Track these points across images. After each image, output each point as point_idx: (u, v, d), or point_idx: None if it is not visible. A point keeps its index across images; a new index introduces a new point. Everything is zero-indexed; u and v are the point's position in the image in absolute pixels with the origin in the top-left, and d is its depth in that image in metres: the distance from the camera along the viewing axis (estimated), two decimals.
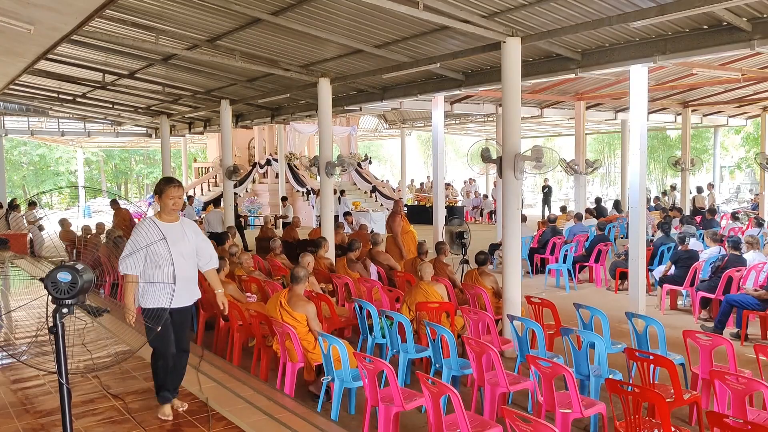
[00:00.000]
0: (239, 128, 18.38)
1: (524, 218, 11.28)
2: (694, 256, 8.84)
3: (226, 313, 4.76)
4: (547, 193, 23.12)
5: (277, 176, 22.27)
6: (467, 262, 9.08)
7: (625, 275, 9.54)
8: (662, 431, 3.73)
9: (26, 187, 38.65)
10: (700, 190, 18.71)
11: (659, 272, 9.33)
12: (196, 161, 31.11)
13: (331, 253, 9.69)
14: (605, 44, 7.55)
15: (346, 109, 12.56)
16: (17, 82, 11.58)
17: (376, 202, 23.02)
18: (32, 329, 6.96)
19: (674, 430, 3.75)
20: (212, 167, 25.21)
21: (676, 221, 12.85)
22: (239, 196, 18.47)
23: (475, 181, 27.37)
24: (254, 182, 23.50)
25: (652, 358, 4.60)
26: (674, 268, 8.92)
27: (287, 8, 7.03)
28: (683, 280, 8.62)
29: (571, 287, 10.50)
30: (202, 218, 16.41)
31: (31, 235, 13.93)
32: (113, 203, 14.91)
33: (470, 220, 22.69)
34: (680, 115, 17.27)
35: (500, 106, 12.35)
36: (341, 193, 18.99)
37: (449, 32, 7.45)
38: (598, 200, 18.18)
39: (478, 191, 26.57)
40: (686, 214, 15.20)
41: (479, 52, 7.81)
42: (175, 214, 4.35)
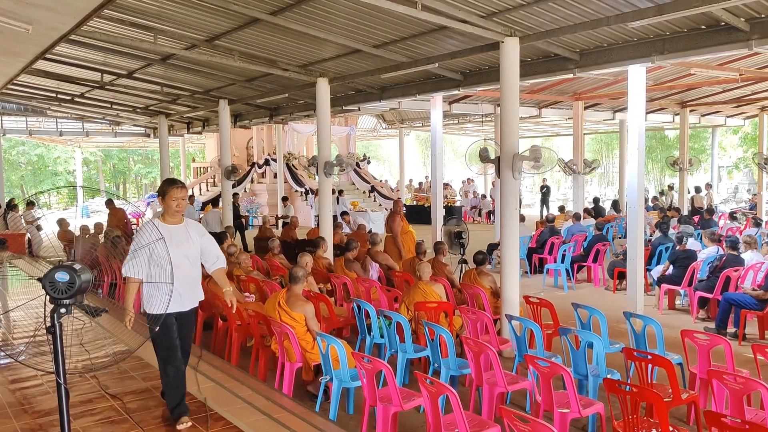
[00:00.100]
0: (238, 128, 18.37)
1: (522, 218, 11.30)
2: (692, 255, 8.85)
3: (234, 311, 4.68)
4: (545, 193, 23.12)
5: (275, 176, 22.26)
6: (465, 261, 9.09)
7: (623, 275, 9.55)
8: (660, 431, 3.74)
9: (24, 187, 38.61)
10: (698, 190, 18.73)
11: (657, 272, 9.34)
12: (194, 161, 31.08)
13: (329, 253, 9.69)
14: (603, 44, 7.56)
15: (344, 109, 12.57)
16: (15, 81, 11.57)
17: (374, 202, 23.02)
18: (30, 329, 6.95)
19: (672, 429, 3.75)
20: (211, 167, 25.19)
21: (674, 221, 12.87)
22: (239, 195, 18.44)
23: (473, 181, 27.39)
24: (253, 182, 23.48)
25: (650, 357, 4.61)
26: (672, 267, 8.93)
27: (286, 8, 7.03)
28: (681, 279, 8.63)
29: (569, 287, 10.51)
30: (201, 218, 16.40)
31: (29, 235, 13.92)
32: (108, 203, 14.85)
33: (468, 220, 22.71)
34: (678, 115, 17.29)
35: (498, 106, 12.33)
36: (339, 193, 18.98)
37: (447, 32, 7.45)
38: (596, 200, 18.21)
39: (476, 191, 26.59)
40: (684, 214, 15.22)
41: (477, 52, 7.82)
42: (178, 215, 4.29)
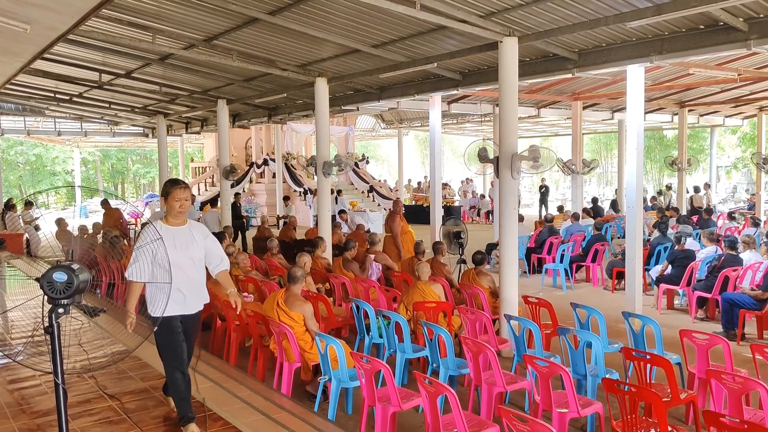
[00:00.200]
0: (236, 128, 18.36)
1: (521, 218, 11.29)
2: (690, 255, 8.86)
3: (239, 312, 4.61)
4: (544, 192, 23.13)
5: (274, 176, 22.25)
6: (464, 261, 9.08)
7: (621, 275, 9.55)
8: (659, 431, 3.74)
9: (23, 187, 38.57)
10: (697, 189, 18.74)
11: (656, 272, 9.35)
12: (193, 161, 31.07)
13: (328, 253, 9.68)
14: (602, 44, 7.56)
15: (343, 108, 12.56)
16: (14, 81, 11.56)
17: (373, 202, 23.01)
18: (28, 329, 6.93)
19: (671, 429, 3.75)
20: (209, 167, 25.18)
21: (673, 221, 12.88)
22: (240, 195, 18.45)
23: (472, 180, 27.40)
24: (251, 182, 23.48)
25: (648, 357, 4.61)
26: (671, 267, 8.93)
27: (284, 8, 7.03)
28: (680, 279, 8.64)
29: (568, 287, 10.51)
30: (199, 218, 16.38)
31: (27, 235, 13.90)
32: (104, 203, 14.77)
33: (467, 219, 22.71)
34: (677, 115, 17.30)
35: (497, 105, 12.36)
36: (338, 193, 18.98)
37: (446, 32, 7.45)
38: (594, 200, 18.22)
39: (475, 191, 26.60)
40: (683, 213, 15.23)
41: (476, 51, 7.82)
42: (182, 216, 4.21)
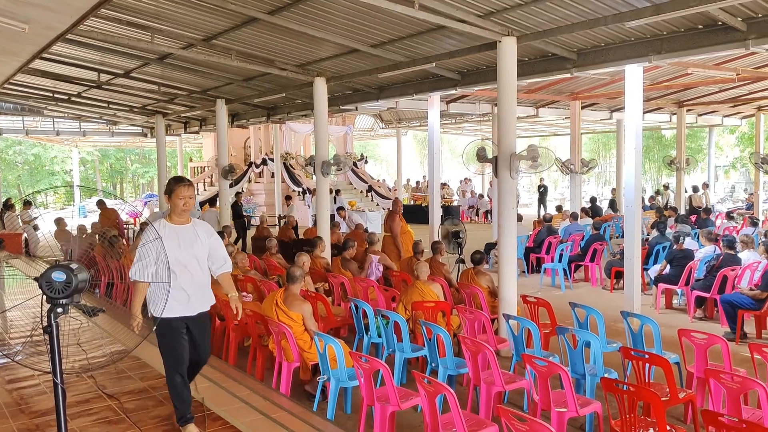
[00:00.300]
0: (235, 128, 18.35)
1: (520, 217, 11.29)
2: (689, 255, 8.87)
3: (239, 318, 4.49)
4: (542, 192, 23.14)
5: (273, 176, 22.23)
6: (463, 261, 9.08)
7: (620, 274, 9.55)
8: (657, 430, 3.75)
9: (21, 186, 38.50)
10: (696, 189, 18.75)
11: (654, 271, 9.36)
12: (191, 161, 31.03)
13: (327, 252, 9.68)
14: (601, 44, 7.57)
15: (341, 108, 12.56)
16: (12, 81, 11.54)
17: (372, 201, 23.00)
18: (27, 329, 6.93)
19: (669, 428, 3.76)
20: (208, 167, 25.15)
21: (671, 220, 12.89)
22: (242, 195, 18.44)
23: (471, 180, 27.41)
24: (250, 182, 23.46)
25: (647, 357, 4.62)
26: (669, 267, 8.94)
27: (283, 7, 7.02)
28: (678, 279, 8.65)
29: (566, 286, 10.52)
30: (199, 218, 16.34)
31: (26, 234, 13.89)
32: (99, 203, 14.67)
33: (466, 219, 22.72)
34: (675, 114, 17.31)
35: (496, 105, 12.35)
36: (337, 192, 18.98)
37: (445, 32, 7.45)
38: (593, 200, 18.22)
39: (473, 191, 26.62)
40: (682, 213, 15.24)
41: (475, 51, 7.82)
42: (186, 215, 4.13)
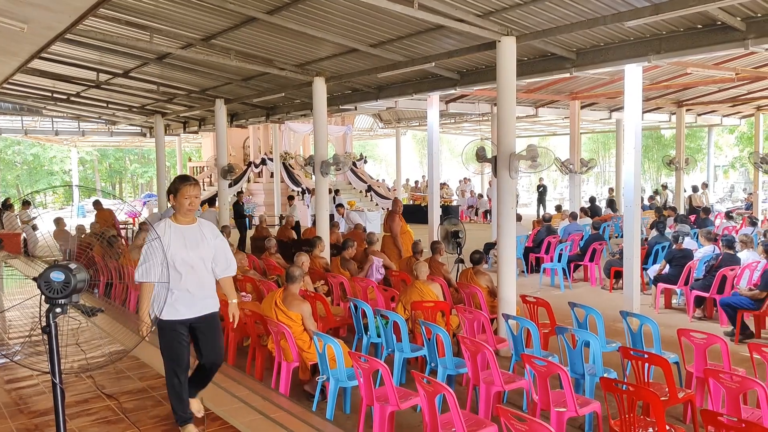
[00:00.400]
0: (234, 127, 18.33)
1: (519, 217, 11.30)
2: (688, 255, 8.87)
3: (235, 326, 4.42)
4: (542, 192, 23.14)
5: (272, 175, 22.22)
6: (462, 261, 9.09)
7: (619, 274, 9.56)
8: (657, 430, 3.74)
9: (20, 186, 38.47)
10: (695, 189, 18.76)
11: (654, 271, 9.36)
12: (190, 160, 31.02)
13: (326, 252, 9.68)
14: (600, 43, 7.57)
15: (341, 108, 12.55)
16: (11, 81, 11.54)
17: (371, 201, 23.00)
18: (26, 329, 6.92)
19: (669, 428, 3.75)
20: (207, 166, 25.14)
21: (670, 220, 12.90)
22: (243, 194, 18.45)
23: (470, 180, 27.41)
24: (249, 182, 23.45)
25: (646, 356, 4.62)
26: (669, 267, 8.95)
27: (282, 7, 7.02)
28: (678, 278, 8.65)
29: (565, 286, 10.52)
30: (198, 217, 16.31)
31: (24, 234, 13.87)
32: (96, 204, 14.63)
33: (465, 219, 22.71)
34: (674, 114, 17.31)
35: (495, 105, 12.36)
36: (336, 192, 18.98)
37: (444, 31, 7.45)
38: (592, 199, 18.22)
39: (473, 190, 26.61)
40: (681, 213, 15.25)
41: (474, 51, 7.82)
42: (191, 215, 4.04)
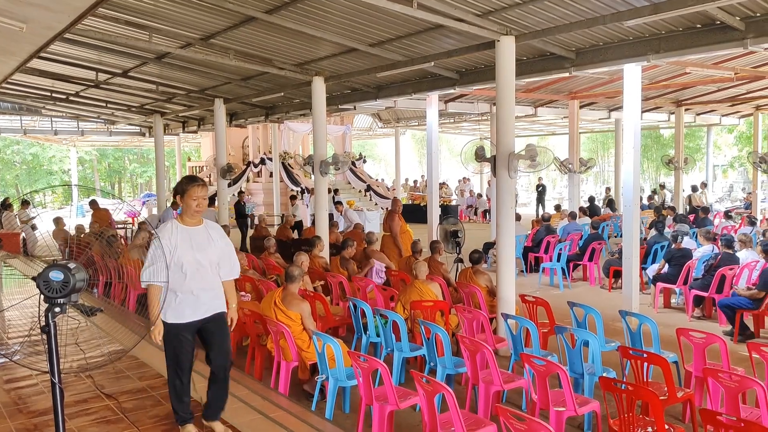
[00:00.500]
0: (233, 127, 18.32)
1: (518, 217, 11.30)
2: (687, 254, 8.87)
3: (233, 328, 4.30)
4: (541, 191, 23.15)
5: (271, 175, 22.21)
6: (462, 260, 9.09)
7: (618, 274, 9.57)
8: (656, 429, 3.75)
9: (19, 186, 38.44)
10: (695, 189, 18.78)
11: (653, 270, 9.37)
12: (190, 160, 31.00)
13: (326, 252, 9.67)
14: (599, 43, 7.57)
15: (340, 107, 12.54)
16: (10, 80, 11.52)
17: (370, 201, 23.00)
18: (25, 328, 6.93)
19: (668, 427, 3.76)
20: (206, 166, 25.12)
21: (669, 219, 12.91)
22: (244, 194, 18.46)
23: (469, 180, 27.40)
24: (248, 181, 23.44)
25: (645, 356, 4.62)
26: (668, 266, 8.95)
27: (281, 6, 7.01)
28: (677, 278, 8.65)
29: (565, 286, 10.52)
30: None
31: (23, 234, 13.86)
32: (92, 203, 14.60)
33: (464, 218, 22.72)
34: (673, 114, 17.32)
35: (494, 104, 12.36)
36: (335, 192, 18.98)
37: (443, 31, 7.44)
38: (591, 199, 18.23)
39: (472, 190, 26.61)
40: (680, 212, 15.26)
41: (473, 50, 7.81)
42: (198, 216, 3.97)
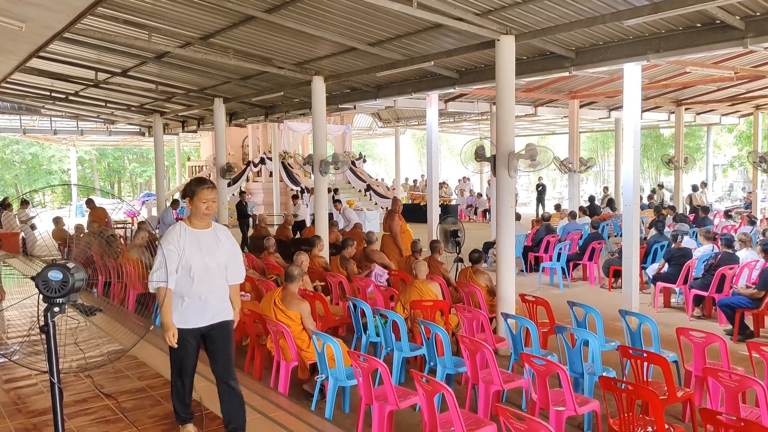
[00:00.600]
0: (233, 126, 18.32)
1: (518, 216, 11.30)
2: (687, 254, 8.87)
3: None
4: (541, 191, 23.14)
5: (271, 175, 22.21)
6: (461, 260, 9.08)
7: (618, 273, 9.56)
8: (656, 428, 3.74)
9: (18, 185, 38.42)
10: (695, 188, 18.78)
11: (653, 270, 9.37)
12: (189, 160, 30.97)
13: (325, 251, 9.67)
14: (599, 42, 7.56)
15: (340, 107, 12.54)
16: (9, 80, 11.51)
17: (370, 200, 22.99)
18: (24, 328, 6.93)
19: (668, 427, 3.75)
20: (206, 166, 25.11)
21: (669, 219, 12.91)
22: (245, 193, 18.46)
23: (469, 179, 27.41)
24: (248, 181, 23.44)
25: (645, 355, 4.62)
26: (668, 265, 8.95)
27: (281, 6, 7.00)
28: (676, 277, 8.65)
29: (564, 285, 10.52)
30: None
31: (23, 234, 13.86)
32: (89, 202, 14.55)
33: (464, 218, 22.72)
34: (673, 113, 17.33)
35: (494, 104, 12.35)
36: (335, 191, 18.98)
37: (443, 30, 7.44)
38: (591, 198, 18.23)
39: (472, 189, 26.61)
40: (681, 212, 15.26)
41: (473, 50, 7.81)
42: (207, 219, 3.87)
